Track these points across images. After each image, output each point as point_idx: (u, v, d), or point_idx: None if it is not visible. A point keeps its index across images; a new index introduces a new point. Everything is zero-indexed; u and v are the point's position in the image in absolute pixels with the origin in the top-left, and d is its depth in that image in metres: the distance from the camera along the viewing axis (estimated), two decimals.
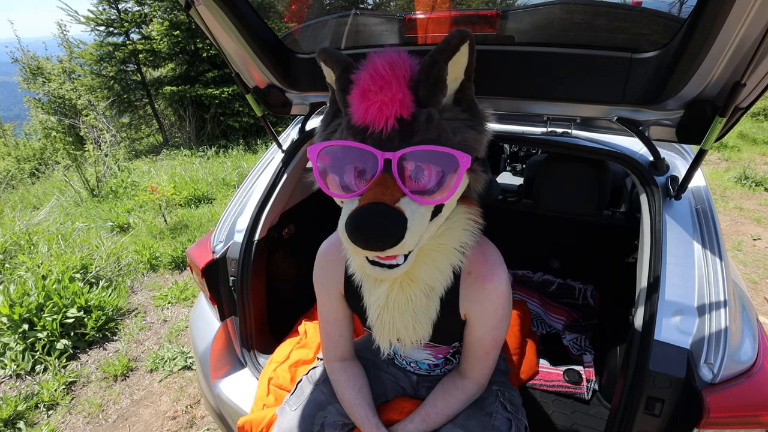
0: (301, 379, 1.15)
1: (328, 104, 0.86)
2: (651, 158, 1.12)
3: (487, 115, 0.80)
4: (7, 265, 3.16)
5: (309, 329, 1.56)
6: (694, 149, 1.06)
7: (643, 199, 1.11)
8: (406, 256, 0.76)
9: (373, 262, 0.76)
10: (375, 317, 0.94)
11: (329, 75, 0.82)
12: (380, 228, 0.66)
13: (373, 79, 0.70)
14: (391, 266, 0.75)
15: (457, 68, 0.73)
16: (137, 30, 7.71)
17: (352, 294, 1.00)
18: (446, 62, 0.70)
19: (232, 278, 1.42)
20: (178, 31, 7.19)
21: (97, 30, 7.45)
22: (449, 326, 0.97)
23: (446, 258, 0.87)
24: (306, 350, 1.45)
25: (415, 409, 1.10)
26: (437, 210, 0.76)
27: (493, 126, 0.83)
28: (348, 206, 0.72)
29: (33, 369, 2.34)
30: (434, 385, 1.13)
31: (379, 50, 0.74)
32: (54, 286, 2.61)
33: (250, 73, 1.37)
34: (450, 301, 0.93)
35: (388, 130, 0.70)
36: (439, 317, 0.93)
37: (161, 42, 7.41)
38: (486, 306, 0.91)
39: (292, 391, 1.13)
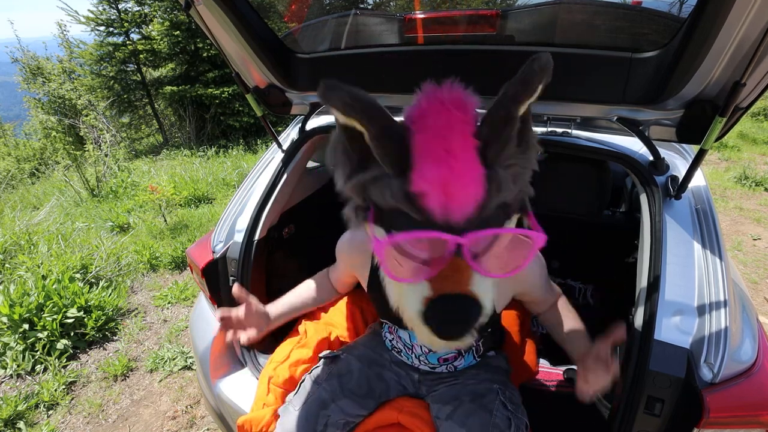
0: (304, 379, 1.15)
1: (344, 143, 0.69)
2: (651, 158, 1.12)
3: (539, 151, 0.73)
4: (7, 265, 3.16)
5: (309, 329, 1.55)
6: (694, 149, 1.06)
7: (643, 199, 1.11)
8: None
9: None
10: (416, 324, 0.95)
11: (348, 122, 0.64)
12: (464, 326, 0.67)
13: (451, 170, 0.59)
14: None
15: (526, 107, 0.63)
16: (137, 30, 7.71)
17: (378, 292, 1.01)
18: (520, 111, 0.61)
19: (232, 278, 1.42)
20: (178, 31, 7.18)
21: (97, 30, 7.44)
22: None
23: None
24: (306, 350, 1.44)
25: (413, 407, 1.11)
26: None
27: None
28: (417, 290, 0.69)
29: (33, 369, 2.34)
30: (435, 383, 1.14)
31: (435, 106, 0.62)
32: (54, 286, 2.61)
33: (250, 73, 1.37)
34: None
35: (464, 220, 0.62)
36: None
37: (161, 42, 7.41)
38: (531, 280, 1.05)
39: (295, 391, 1.13)
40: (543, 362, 1.67)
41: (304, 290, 1.28)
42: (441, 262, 0.65)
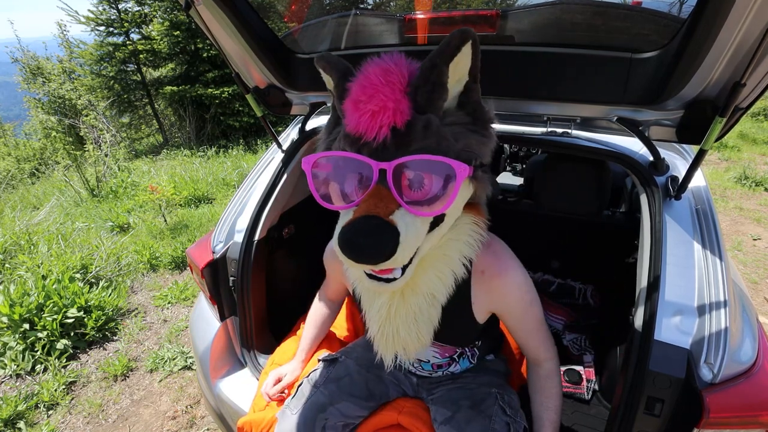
0: (301, 382, 1.15)
1: (330, 109, 0.85)
2: (651, 158, 1.12)
3: (493, 119, 0.78)
4: (7, 265, 3.16)
5: None
6: (694, 149, 1.06)
7: (643, 199, 1.11)
8: (404, 269, 0.74)
9: (370, 276, 0.75)
10: (377, 330, 0.94)
11: (329, 82, 0.81)
12: (371, 243, 0.65)
13: (363, 88, 0.69)
14: (388, 280, 0.74)
15: (459, 70, 0.70)
16: (137, 30, 7.70)
17: (357, 300, 1.01)
18: (446, 65, 0.67)
19: (232, 278, 1.42)
20: (178, 31, 7.19)
21: (97, 30, 7.44)
22: (461, 327, 0.97)
23: (449, 267, 0.87)
24: None
25: (413, 407, 1.11)
26: (438, 220, 0.74)
27: (496, 127, 0.81)
28: (343, 218, 0.71)
29: (33, 369, 2.34)
30: (434, 387, 1.14)
31: (375, 57, 0.73)
32: (54, 286, 2.61)
33: (250, 73, 1.37)
34: (459, 303, 0.92)
35: (380, 140, 0.68)
36: (447, 320, 0.93)
37: (161, 42, 7.41)
38: (509, 299, 0.94)
39: (292, 395, 1.13)
40: None
41: (318, 317, 1.32)
42: (366, 191, 0.70)
